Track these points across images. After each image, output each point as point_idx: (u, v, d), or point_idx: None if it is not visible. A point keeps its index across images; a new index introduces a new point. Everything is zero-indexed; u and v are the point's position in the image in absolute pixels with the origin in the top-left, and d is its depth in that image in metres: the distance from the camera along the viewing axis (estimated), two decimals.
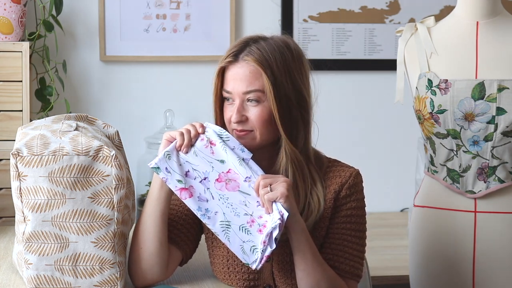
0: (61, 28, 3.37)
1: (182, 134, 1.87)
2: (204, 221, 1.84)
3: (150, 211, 1.89)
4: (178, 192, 1.84)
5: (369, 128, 3.81)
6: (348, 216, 1.95)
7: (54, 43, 3.36)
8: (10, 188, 1.86)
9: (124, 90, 3.60)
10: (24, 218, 1.80)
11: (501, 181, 2.31)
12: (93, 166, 1.79)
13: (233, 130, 1.92)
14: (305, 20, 3.70)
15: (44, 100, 3.34)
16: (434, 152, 2.38)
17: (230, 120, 1.92)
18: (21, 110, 3.05)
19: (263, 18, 3.67)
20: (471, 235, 2.35)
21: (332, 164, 2.00)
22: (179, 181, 1.85)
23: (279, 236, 1.80)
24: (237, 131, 1.91)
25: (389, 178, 3.83)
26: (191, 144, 1.88)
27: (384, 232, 3.52)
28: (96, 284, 1.82)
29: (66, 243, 1.80)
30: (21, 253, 1.83)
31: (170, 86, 3.64)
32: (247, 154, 1.88)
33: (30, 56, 3.22)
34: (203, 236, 2.04)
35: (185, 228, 1.97)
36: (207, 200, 1.85)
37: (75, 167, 1.78)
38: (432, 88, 2.30)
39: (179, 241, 1.95)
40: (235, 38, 3.57)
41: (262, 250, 1.80)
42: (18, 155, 1.78)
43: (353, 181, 1.96)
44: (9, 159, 1.80)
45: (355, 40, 3.75)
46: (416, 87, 2.34)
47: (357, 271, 1.96)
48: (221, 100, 1.96)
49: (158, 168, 1.85)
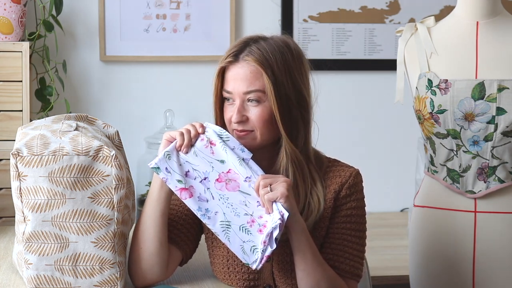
0: (61, 28, 3.37)
1: (182, 134, 1.87)
2: (204, 221, 1.84)
3: (150, 211, 1.89)
4: (178, 192, 1.84)
5: (369, 128, 3.81)
6: (348, 216, 1.95)
7: (54, 43, 3.36)
8: (10, 188, 1.86)
9: (124, 90, 3.60)
10: (24, 218, 1.80)
11: (501, 181, 2.31)
12: (93, 166, 1.79)
13: (234, 130, 1.92)
14: (305, 20, 3.70)
15: (44, 100, 3.34)
16: (434, 152, 2.38)
17: (231, 120, 1.92)
18: (21, 110, 3.04)
19: (263, 18, 3.66)
20: (471, 235, 2.35)
21: (332, 164, 2.00)
22: (179, 181, 1.84)
23: (279, 236, 1.80)
24: (238, 131, 1.91)
25: (389, 178, 3.82)
26: (191, 144, 1.88)
27: (384, 232, 3.52)
28: (96, 284, 1.82)
29: (66, 243, 1.80)
30: (21, 253, 1.83)
31: (170, 86, 3.64)
32: (247, 154, 1.88)
33: (30, 56, 3.22)
34: (203, 236, 2.04)
35: (185, 228, 1.97)
36: (207, 200, 1.84)
37: (75, 167, 1.78)
38: (432, 88, 2.30)
39: (179, 241, 1.95)
40: (235, 38, 3.57)
41: (263, 250, 1.80)
42: (18, 155, 1.78)
43: (353, 181, 1.96)
44: (9, 159, 1.80)
45: (355, 40, 3.75)
46: (416, 87, 2.33)
47: (357, 271, 1.96)
48: (221, 100, 1.95)
49: (158, 168, 1.85)
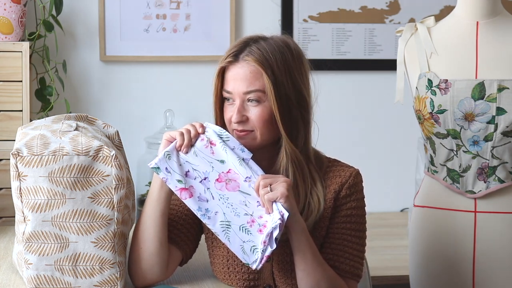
0: (61, 28, 3.37)
1: (182, 134, 1.87)
2: (204, 221, 1.83)
3: (150, 211, 1.89)
4: (178, 192, 1.84)
5: (369, 128, 3.81)
6: (348, 216, 1.95)
7: (54, 43, 3.36)
8: (10, 188, 1.86)
9: (124, 90, 3.60)
10: (24, 218, 1.80)
11: (501, 181, 2.31)
12: (93, 166, 1.79)
13: (234, 130, 1.92)
14: (305, 20, 3.70)
15: (44, 100, 3.34)
16: (434, 152, 2.37)
17: (231, 120, 1.91)
18: (21, 110, 3.04)
19: (263, 18, 3.66)
20: (471, 235, 2.35)
21: (332, 164, 2.00)
22: (179, 181, 1.84)
23: (280, 236, 1.80)
24: (238, 131, 1.91)
25: (389, 178, 3.82)
26: (191, 144, 1.88)
27: (384, 232, 3.52)
28: (96, 284, 1.82)
29: (66, 243, 1.80)
30: (21, 253, 1.83)
31: (170, 86, 3.64)
32: (247, 154, 1.88)
33: (30, 56, 3.22)
34: (203, 236, 2.04)
35: (185, 228, 1.97)
36: (207, 200, 1.84)
37: (75, 167, 1.78)
38: (432, 88, 2.30)
39: (179, 241, 1.95)
40: (235, 38, 3.57)
41: (263, 250, 1.80)
42: (18, 155, 1.78)
43: (353, 181, 1.96)
44: (9, 159, 1.80)
45: (355, 40, 3.75)
46: (416, 87, 2.33)
47: (357, 271, 1.96)
48: (221, 100, 1.95)
49: (158, 168, 1.85)
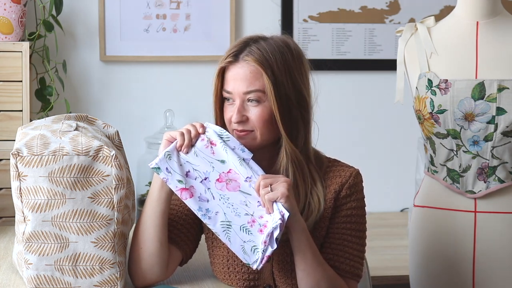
0: (61, 28, 3.37)
1: (183, 134, 1.87)
2: (205, 221, 1.83)
3: (150, 212, 1.89)
4: (179, 192, 1.84)
5: (369, 128, 3.81)
6: (348, 216, 1.95)
7: (54, 43, 3.36)
8: (10, 188, 1.86)
9: (124, 90, 3.60)
10: (24, 218, 1.80)
11: (501, 181, 2.31)
12: (93, 166, 1.79)
13: (234, 130, 1.92)
14: (305, 20, 3.70)
15: (44, 100, 3.34)
16: (434, 152, 2.37)
17: (231, 120, 1.91)
18: (21, 110, 3.04)
19: (263, 18, 3.66)
20: (471, 235, 2.35)
21: (332, 164, 2.00)
22: (180, 181, 1.84)
23: (280, 236, 1.80)
24: (238, 131, 1.91)
25: (389, 178, 3.82)
26: (192, 144, 1.88)
27: (384, 232, 3.52)
28: (96, 284, 1.82)
29: (66, 243, 1.80)
30: (21, 253, 1.82)
31: (170, 86, 3.64)
32: (248, 154, 1.88)
33: (30, 56, 3.22)
34: (203, 236, 2.04)
35: (185, 228, 1.97)
36: (208, 200, 1.84)
37: (75, 167, 1.78)
38: (432, 88, 2.30)
39: (179, 241, 1.95)
40: (235, 38, 3.57)
41: (263, 250, 1.80)
42: (18, 155, 1.78)
43: (353, 181, 1.96)
44: (9, 159, 1.80)
45: (355, 40, 3.75)
46: (416, 87, 2.33)
47: (357, 271, 1.96)
48: (221, 100, 1.95)
49: (159, 169, 1.84)
